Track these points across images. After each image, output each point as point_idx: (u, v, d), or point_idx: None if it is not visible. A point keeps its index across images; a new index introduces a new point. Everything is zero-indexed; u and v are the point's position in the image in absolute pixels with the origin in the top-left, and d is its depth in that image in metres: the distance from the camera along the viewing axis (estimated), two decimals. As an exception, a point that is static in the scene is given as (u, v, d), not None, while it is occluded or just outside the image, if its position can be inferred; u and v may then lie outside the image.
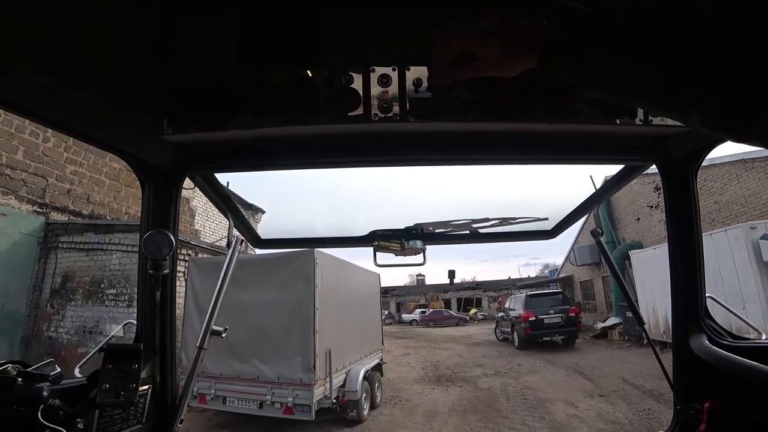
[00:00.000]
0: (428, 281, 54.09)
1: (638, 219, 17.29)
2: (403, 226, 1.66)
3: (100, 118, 0.93)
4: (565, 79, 0.61)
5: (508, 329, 18.24)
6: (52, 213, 10.58)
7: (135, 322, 1.41)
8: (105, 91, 0.89)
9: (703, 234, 1.35)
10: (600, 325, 17.95)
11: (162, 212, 1.30)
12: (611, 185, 1.52)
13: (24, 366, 1.11)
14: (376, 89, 0.80)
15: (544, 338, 16.15)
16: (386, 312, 38.37)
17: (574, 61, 0.59)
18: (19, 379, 1.04)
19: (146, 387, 1.31)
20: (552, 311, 15.99)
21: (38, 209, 10.31)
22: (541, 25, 0.61)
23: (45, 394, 1.04)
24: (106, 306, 9.56)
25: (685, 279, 1.36)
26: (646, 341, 13.56)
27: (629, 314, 14.79)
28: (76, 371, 1.40)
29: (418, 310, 39.90)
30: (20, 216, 9.89)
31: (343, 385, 7.10)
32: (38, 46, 0.71)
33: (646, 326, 1.61)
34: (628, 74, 0.55)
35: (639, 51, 0.53)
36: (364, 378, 7.47)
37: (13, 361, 1.10)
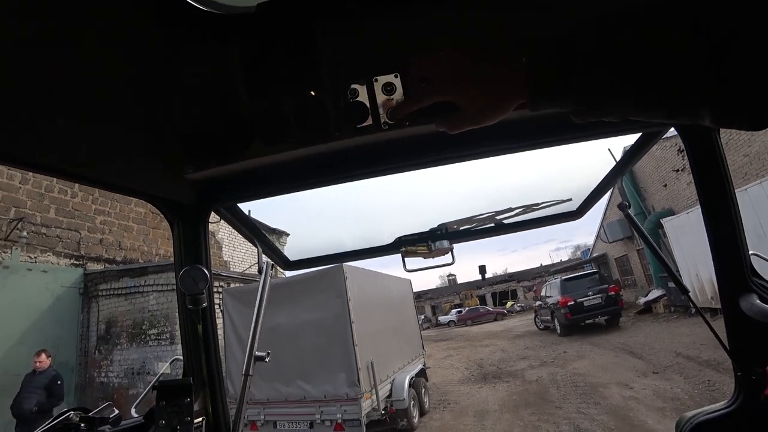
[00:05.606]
0: (460, 280, 53.60)
1: (665, 185, 16.73)
2: (427, 228, 1.66)
3: (124, 167, 0.97)
4: (560, 109, 0.58)
5: (548, 317, 17.85)
6: (88, 263, 11.01)
7: (181, 358, 1.45)
8: (126, 140, 0.93)
9: (736, 190, 1.30)
10: (642, 300, 17.38)
11: (193, 248, 1.34)
12: (632, 155, 1.49)
13: (85, 412, 1.16)
14: (381, 98, 0.81)
15: (587, 321, 15.67)
16: (422, 316, 38.13)
17: (564, 91, 0.55)
18: (82, 425, 1.09)
19: (200, 419, 1.34)
20: (590, 293, 15.54)
21: (75, 262, 10.75)
22: (521, 63, 0.57)
23: (107, 436, 1.08)
24: (150, 346, 9.83)
25: (725, 239, 1.31)
26: (694, 310, 12.96)
27: (672, 284, 14.27)
28: (133, 411, 1.45)
29: (454, 310, 39.48)
30: (60, 270, 10.33)
31: (389, 395, 7.07)
32: (58, 106, 0.75)
33: (691, 294, 1.56)
34: (624, 95, 0.52)
35: (631, 70, 0.49)
36: (410, 385, 7.42)
37: (75, 409, 1.16)
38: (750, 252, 1.32)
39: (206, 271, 1.20)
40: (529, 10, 0.83)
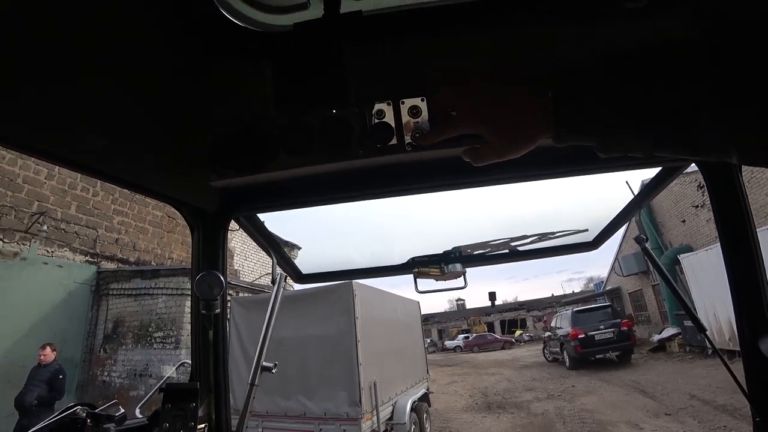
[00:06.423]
0: (469, 305, 52.80)
1: (684, 221, 16.40)
2: (441, 251, 1.66)
3: (153, 171, 1.01)
4: (584, 143, 0.57)
5: (557, 349, 17.41)
6: (102, 262, 11.22)
7: (188, 363, 1.46)
8: (157, 146, 0.97)
9: (758, 229, 1.28)
10: (656, 337, 16.87)
11: (211, 254, 1.36)
12: (650, 189, 1.48)
13: (91, 408, 1.17)
14: (406, 120, 0.83)
15: (597, 356, 15.22)
16: (428, 340, 37.54)
17: (589, 127, 0.54)
18: (88, 420, 1.10)
19: (203, 425, 1.34)
20: (602, 326, 15.13)
21: (90, 259, 10.97)
22: (548, 98, 0.56)
23: (112, 434, 1.09)
24: (155, 349, 9.86)
25: (745, 279, 1.28)
26: (710, 351, 12.52)
27: (688, 323, 13.82)
28: (137, 412, 1.45)
29: (461, 336, 38.83)
30: (74, 266, 10.55)
31: (390, 418, 6.93)
32: (96, 108, 0.79)
33: (707, 334, 1.51)
34: (648, 130, 0.50)
35: (652, 103, 0.49)
36: (412, 409, 7.28)
37: (82, 404, 1.17)
38: (772, 294, 1.28)
39: (222, 278, 1.22)
40: (555, 38, 0.85)
